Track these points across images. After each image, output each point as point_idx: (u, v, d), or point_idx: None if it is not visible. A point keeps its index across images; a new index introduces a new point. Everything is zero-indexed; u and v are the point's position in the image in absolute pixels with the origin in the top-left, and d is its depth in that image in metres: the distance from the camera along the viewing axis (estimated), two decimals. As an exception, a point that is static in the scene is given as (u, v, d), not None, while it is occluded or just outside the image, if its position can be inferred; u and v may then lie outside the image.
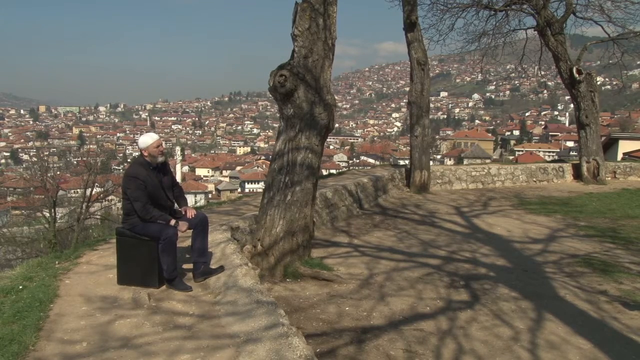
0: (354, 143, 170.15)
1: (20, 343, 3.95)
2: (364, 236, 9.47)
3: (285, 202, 6.58)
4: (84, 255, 6.53)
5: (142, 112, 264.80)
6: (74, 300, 4.93)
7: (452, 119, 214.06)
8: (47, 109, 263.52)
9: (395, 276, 7.02)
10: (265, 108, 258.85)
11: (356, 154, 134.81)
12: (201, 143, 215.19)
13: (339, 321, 5.40)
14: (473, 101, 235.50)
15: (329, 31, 6.66)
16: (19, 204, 38.46)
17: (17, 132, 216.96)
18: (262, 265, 6.51)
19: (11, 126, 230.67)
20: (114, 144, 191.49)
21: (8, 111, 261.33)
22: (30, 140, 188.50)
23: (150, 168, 5.29)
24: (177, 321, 4.49)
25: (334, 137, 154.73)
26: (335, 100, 7.04)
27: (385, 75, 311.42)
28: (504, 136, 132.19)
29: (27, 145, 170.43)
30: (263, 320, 4.17)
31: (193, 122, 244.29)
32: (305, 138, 6.58)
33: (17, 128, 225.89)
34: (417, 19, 14.13)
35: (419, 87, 14.15)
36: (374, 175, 13.55)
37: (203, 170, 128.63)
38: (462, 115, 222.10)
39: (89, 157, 37.37)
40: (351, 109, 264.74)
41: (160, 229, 5.14)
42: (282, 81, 6.44)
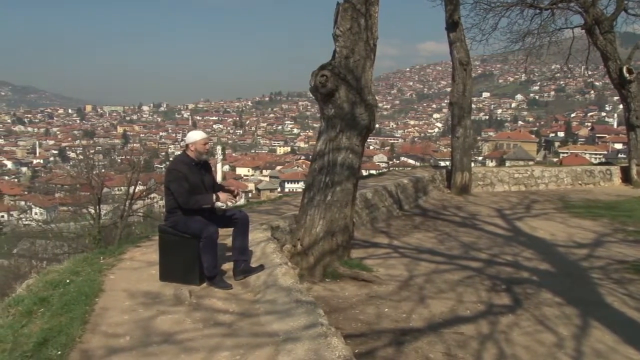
0: (394, 144, 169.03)
1: (68, 335, 4.06)
2: (404, 237, 9.40)
3: (325, 202, 6.58)
4: (128, 251, 6.67)
5: (184, 112, 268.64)
6: (117, 295, 5.04)
7: (495, 120, 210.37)
8: (93, 108, 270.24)
9: (435, 278, 6.95)
10: (306, 108, 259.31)
11: (396, 154, 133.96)
12: (242, 142, 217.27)
13: (378, 322, 5.38)
14: (516, 102, 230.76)
15: (370, 31, 6.64)
16: (66, 200, 39.54)
17: (65, 130, 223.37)
18: (302, 264, 6.53)
19: (59, 125, 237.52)
20: (156, 142, 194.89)
21: (57, 110, 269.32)
22: (77, 138, 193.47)
23: (192, 164, 5.39)
24: (217, 318, 4.54)
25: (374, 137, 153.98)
26: (377, 100, 7.01)
27: (426, 75, 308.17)
28: (548, 138, 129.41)
29: (74, 143, 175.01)
30: (302, 319, 4.18)
31: (234, 121, 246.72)
32: (346, 138, 6.58)
33: (65, 127, 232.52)
34: (459, 18, 13.96)
35: (461, 88, 13.97)
36: (414, 176, 13.45)
37: (243, 170, 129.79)
38: (505, 116, 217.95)
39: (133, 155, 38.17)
40: (391, 109, 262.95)
41: (201, 227, 5.21)
42: (323, 81, 6.45)
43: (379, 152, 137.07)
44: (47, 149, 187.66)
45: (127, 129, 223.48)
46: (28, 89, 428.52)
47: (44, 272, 6.33)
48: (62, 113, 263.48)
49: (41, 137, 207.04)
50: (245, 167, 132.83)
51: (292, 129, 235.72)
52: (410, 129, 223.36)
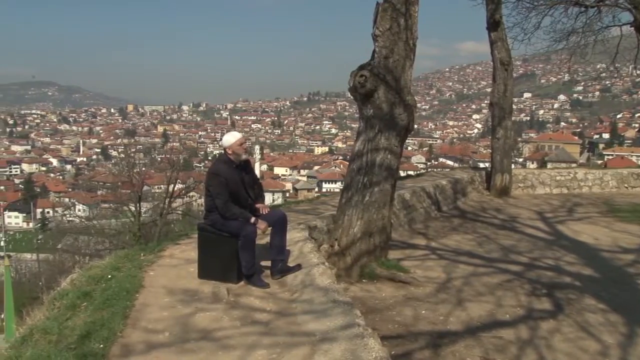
0: (433, 144, 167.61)
1: (110, 329, 4.16)
2: (442, 239, 9.30)
3: (363, 203, 6.56)
4: (167, 248, 6.78)
5: (223, 112, 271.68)
6: (157, 292, 5.13)
7: (536, 121, 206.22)
8: (135, 107, 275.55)
9: (473, 281, 6.85)
10: (344, 108, 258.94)
11: (435, 155, 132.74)
12: (280, 142, 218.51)
13: (415, 324, 5.34)
14: (559, 102, 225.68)
15: (410, 31, 6.59)
16: (108, 197, 40.46)
17: (108, 129, 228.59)
18: (339, 265, 6.53)
19: (102, 124, 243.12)
20: (195, 142, 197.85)
21: (100, 110, 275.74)
22: (119, 137, 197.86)
23: (233, 166, 5.44)
24: (255, 317, 4.57)
25: (412, 138, 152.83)
26: (416, 101, 6.96)
27: (466, 75, 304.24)
28: (592, 139, 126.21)
29: (116, 142, 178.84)
30: (339, 319, 4.18)
31: (272, 121, 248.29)
32: (384, 139, 6.55)
33: (108, 126, 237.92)
34: (501, 17, 13.73)
35: (502, 88, 13.75)
36: (452, 177, 13.29)
37: (281, 169, 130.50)
38: (547, 117, 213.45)
39: (172, 154, 38.80)
40: (430, 109, 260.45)
41: (240, 226, 5.26)
42: (362, 81, 6.43)
43: (417, 153, 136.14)
44: (91, 147, 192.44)
45: (167, 128, 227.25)
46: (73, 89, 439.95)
47: (87, 267, 6.49)
48: (105, 112, 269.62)
49: (85, 136, 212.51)
50: (283, 166, 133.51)
51: (330, 129, 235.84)
52: (449, 129, 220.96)
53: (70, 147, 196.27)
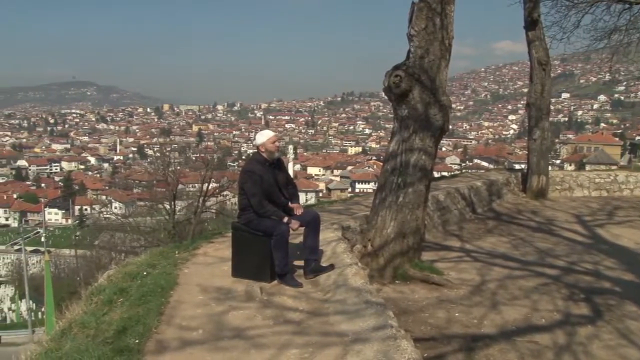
0: (467, 145, 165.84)
1: (145, 325, 4.23)
2: (477, 241, 9.18)
3: (397, 204, 6.53)
4: (201, 247, 6.86)
5: (257, 111, 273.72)
6: (191, 289, 5.19)
7: (574, 121, 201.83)
8: (171, 107, 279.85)
9: (508, 284, 6.74)
10: (378, 108, 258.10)
11: (469, 156, 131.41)
12: (313, 142, 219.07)
13: (448, 327, 5.28)
14: (598, 103, 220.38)
15: (446, 31, 6.52)
16: (143, 195, 41.18)
17: (144, 128, 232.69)
18: (372, 265, 6.51)
19: (139, 123, 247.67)
20: (230, 141, 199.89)
21: (136, 109, 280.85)
22: (155, 136, 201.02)
23: (266, 165, 5.47)
24: (287, 316, 4.59)
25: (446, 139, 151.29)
26: (451, 101, 6.89)
27: (502, 75, 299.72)
28: (633, 141, 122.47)
29: (151, 141, 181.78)
30: (372, 320, 4.16)
31: (306, 121, 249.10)
32: (419, 139, 6.50)
33: (144, 125, 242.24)
34: (539, 16, 13.48)
35: (539, 88, 13.50)
36: (488, 178, 13.12)
37: (314, 169, 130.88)
38: (586, 117, 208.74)
39: (207, 153, 39.24)
40: (465, 110, 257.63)
41: (273, 225, 5.28)
42: (397, 82, 6.39)
43: (452, 154, 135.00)
44: (127, 146, 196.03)
45: (202, 128, 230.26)
46: (111, 89, 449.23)
47: (123, 264, 6.62)
48: (141, 112, 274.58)
49: (122, 135, 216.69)
50: (317, 166, 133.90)
51: (364, 129, 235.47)
52: (484, 130, 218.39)
53: (107, 145, 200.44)
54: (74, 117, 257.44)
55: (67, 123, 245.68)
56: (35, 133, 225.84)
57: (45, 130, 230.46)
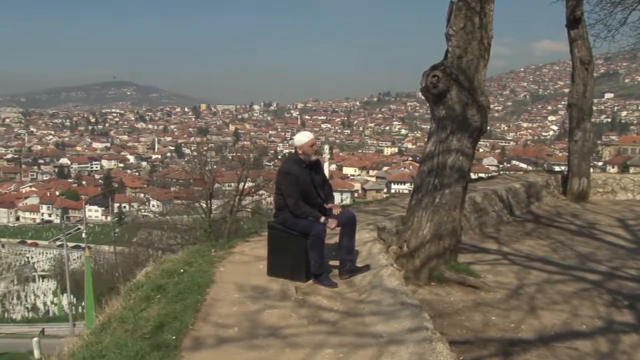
0: (505, 146, 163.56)
1: (182, 321, 4.30)
2: (514, 244, 9.01)
3: (433, 205, 6.46)
4: (237, 245, 6.92)
5: (293, 111, 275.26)
6: (227, 287, 5.25)
7: (618, 122, 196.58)
8: (208, 107, 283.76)
9: (547, 288, 6.60)
10: (414, 109, 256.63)
11: (507, 158, 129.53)
12: (349, 142, 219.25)
13: (485, 330, 5.20)
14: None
15: (484, 30, 6.42)
16: (180, 194, 41.79)
17: (181, 128, 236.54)
18: (407, 267, 6.46)
19: (176, 122, 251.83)
20: (266, 141, 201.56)
21: (174, 109, 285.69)
22: (192, 135, 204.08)
23: (303, 165, 5.48)
24: (322, 316, 4.59)
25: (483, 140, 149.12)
26: (489, 101, 6.79)
27: (542, 75, 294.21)
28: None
29: (189, 140, 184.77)
30: (407, 322, 4.13)
31: (342, 121, 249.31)
32: (456, 140, 6.42)
33: (182, 124, 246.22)
34: (582, 14, 13.15)
35: (581, 89, 13.18)
36: (526, 180, 12.87)
37: (350, 169, 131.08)
38: (630, 118, 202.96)
39: (243, 153, 39.57)
40: (503, 110, 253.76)
41: (310, 225, 5.29)
42: (434, 82, 6.33)
43: (489, 155, 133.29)
44: (165, 145, 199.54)
45: (238, 127, 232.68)
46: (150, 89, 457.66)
47: (161, 261, 6.73)
48: (179, 111, 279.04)
49: (160, 134, 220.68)
50: (352, 166, 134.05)
51: (400, 129, 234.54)
52: (523, 131, 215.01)
53: (146, 144, 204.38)
54: (114, 117, 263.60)
55: (108, 122, 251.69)
56: (77, 132, 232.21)
57: (87, 129, 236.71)
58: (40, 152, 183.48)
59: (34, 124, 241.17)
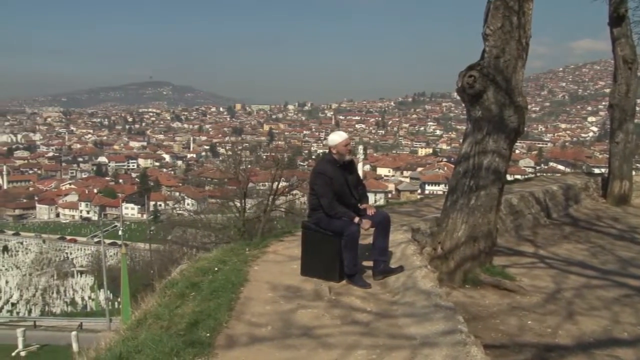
0: (543, 148, 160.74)
1: (216, 319, 4.34)
2: (551, 247, 8.83)
3: (468, 207, 6.38)
4: (271, 245, 6.96)
5: (327, 111, 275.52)
6: (261, 286, 5.28)
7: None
8: (243, 106, 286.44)
9: (586, 294, 6.43)
10: (449, 109, 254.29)
11: (544, 159, 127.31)
12: (383, 143, 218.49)
13: (520, 335, 5.10)
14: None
15: (523, 30, 6.31)
16: (215, 193, 42.24)
17: (216, 127, 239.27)
18: (442, 268, 6.39)
19: (212, 122, 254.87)
20: (300, 141, 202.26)
21: (209, 109, 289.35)
22: (227, 135, 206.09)
23: (337, 165, 5.47)
24: (355, 316, 4.58)
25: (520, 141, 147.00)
26: (527, 102, 6.67)
27: (581, 75, 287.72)
28: None
29: (224, 139, 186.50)
30: (441, 324, 4.09)
31: (376, 121, 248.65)
32: (492, 141, 6.32)
33: (217, 124, 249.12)
34: (626, 11, 12.78)
35: (624, 89, 12.84)
36: (564, 183, 12.60)
37: (384, 170, 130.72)
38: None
39: (277, 152, 39.76)
40: (541, 111, 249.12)
41: (343, 225, 5.28)
42: (471, 82, 6.25)
43: (526, 157, 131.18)
44: (200, 144, 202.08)
45: (272, 127, 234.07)
46: (186, 89, 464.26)
47: (195, 259, 6.82)
48: (214, 111, 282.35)
49: (195, 133, 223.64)
50: (386, 167, 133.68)
51: (435, 130, 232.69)
52: (561, 132, 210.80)
53: (181, 143, 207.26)
54: (150, 116, 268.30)
55: (144, 121, 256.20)
56: (114, 131, 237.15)
57: (124, 129, 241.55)
58: (79, 150, 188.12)
59: (74, 123, 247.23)
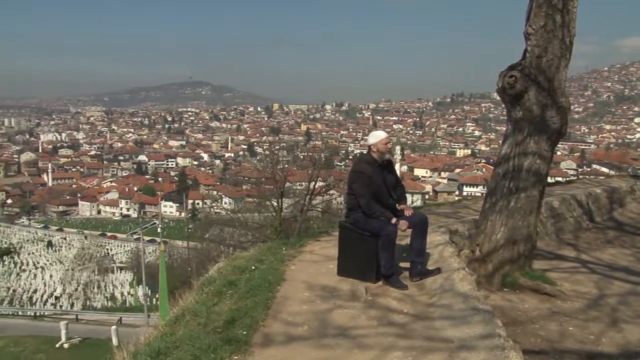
0: (585, 150, 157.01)
1: (252, 318, 4.37)
2: (594, 252, 8.61)
3: (508, 209, 6.28)
4: (308, 244, 6.98)
5: (365, 111, 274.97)
6: (297, 286, 5.30)
7: None
8: (280, 106, 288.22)
9: (632, 301, 6.24)
10: (489, 110, 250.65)
11: (587, 161, 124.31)
12: (421, 143, 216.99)
13: (561, 341, 4.99)
14: None
15: (567, 28, 6.16)
16: (252, 192, 42.51)
17: (254, 127, 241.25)
18: (480, 271, 6.30)
19: (249, 122, 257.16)
20: (337, 141, 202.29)
21: (247, 108, 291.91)
22: (264, 135, 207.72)
23: (375, 165, 5.46)
24: (392, 318, 4.55)
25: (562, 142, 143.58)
26: (570, 103, 6.52)
27: (628, 75, 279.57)
28: None
29: (261, 139, 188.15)
30: (478, 328, 4.03)
31: (414, 122, 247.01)
32: (533, 142, 6.21)
33: (254, 124, 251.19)
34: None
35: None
36: (608, 186, 12.27)
37: (421, 171, 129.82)
38: None
39: (314, 152, 39.80)
40: (584, 112, 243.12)
41: (381, 225, 5.26)
42: (512, 82, 6.14)
43: (567, 158, 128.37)
44: (238, 143, 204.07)
45: (310, 127, 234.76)
46: (224, 88, 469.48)
47: (233, 257, 6.89)
48: (252, 111, 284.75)
49: (233, 133, 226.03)
50: (424, 168, 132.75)
51: (474, 131, 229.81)
52: (605, 134, 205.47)
53: (219, 143, 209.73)
54: (189, 116, 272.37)
55: (183, 121, 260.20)
56: (154, 130, 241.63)
57: (164, 128, 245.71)
58: (120, 149, 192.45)
59: (116, 123, 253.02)
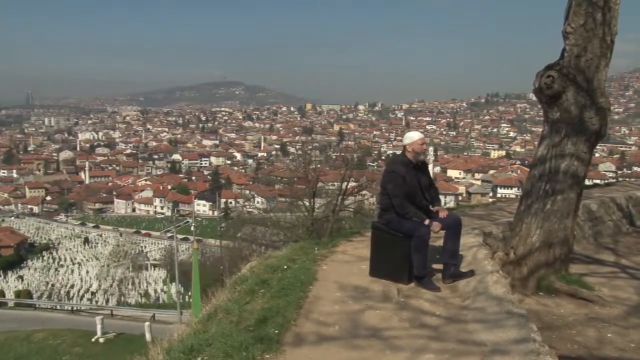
0: (625, 152, 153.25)
1: (284, 317, 4.39)
2: (635, 257, 8.37)
3: (543, 211, 6.16)
4: (340, 245, 6.97)
5: (398, 112, 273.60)
6: (329, 286, 5.30)
7: None
8: (313, 106, 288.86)
9: (673, 307, 6.06)
10: (524, 111, 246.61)
11: (627, 163, 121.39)
12: (454, 144, 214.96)
13: (599, 348, 4.86)
14: None
15: (608, 26, 6.00)
16: (284, 192, 42.77)
17: (287, 127, 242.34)
18: (514, 274, 6.20)
19: (282, 122, 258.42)
20: (370, 141, 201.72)
21: (280, 108, 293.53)
22: (297, 134, 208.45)
23: (410, 166, 5.43)
24: (424, 320, 4.51)
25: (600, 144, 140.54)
26: (610, 103, 6.36)
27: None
28: None
29: (294, 139, 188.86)
30: (513, 332, 3.96)
31: (447, 122, 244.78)
32: (571, 144, 6.07)
33: (287, 123, 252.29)
34: None
35: None
36: (650, 188, 11.95)
37: (455, 172, 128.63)
38: None
39: (347, 152, 39.78)
40: (624, 113, 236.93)
41: (414, 226, 5.22)
42: (549, 82, 6.02)
43: (606, 160, 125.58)
44: (271, 143, 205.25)
45: (342, 127, 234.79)
46: (257, 88, 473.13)
47: (265, 256, 6.93)
48: (285, 110, 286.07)
49: (266, 133, 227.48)
50: (457, 169, 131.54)
51: (508, 132, 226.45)
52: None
53: (252, 142, 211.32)
54: (222, 115, 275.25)
55: (217, 120, 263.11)
56: (188, 129, 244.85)
57: (197, 127, 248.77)
58: (155, 148, 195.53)
59: (150, 122, 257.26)
